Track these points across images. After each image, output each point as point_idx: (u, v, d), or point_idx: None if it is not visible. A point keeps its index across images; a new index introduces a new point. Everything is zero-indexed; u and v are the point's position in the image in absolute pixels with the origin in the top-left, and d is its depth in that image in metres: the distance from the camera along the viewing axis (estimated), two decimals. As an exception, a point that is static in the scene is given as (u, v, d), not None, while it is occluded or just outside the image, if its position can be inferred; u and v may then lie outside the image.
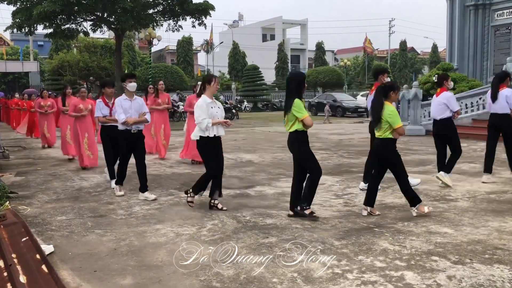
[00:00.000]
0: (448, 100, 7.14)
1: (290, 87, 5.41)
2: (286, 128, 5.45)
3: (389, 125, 5.41)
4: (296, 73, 5.76)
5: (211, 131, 5.79)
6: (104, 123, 7.41)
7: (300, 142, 5.41)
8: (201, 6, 23.08)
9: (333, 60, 68.18)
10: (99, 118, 7.40)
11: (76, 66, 30.27)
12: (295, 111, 5.23)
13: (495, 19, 22.51)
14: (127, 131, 6.54)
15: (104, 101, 7.45)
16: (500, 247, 4.32)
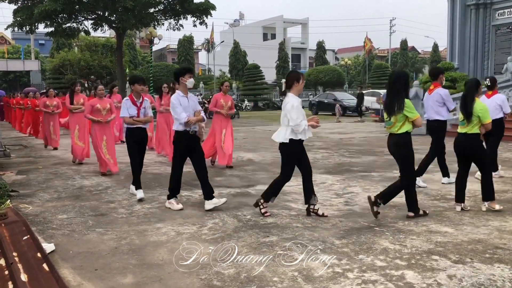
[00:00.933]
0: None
1: (396, 87, 5.25)
2: (393, 130, 5.32)
3: (479, 120, 5.42)
4: (401, 73, 5.50)
5: (305, 134, 5.35)
6: (131, 125, 6.58)
7: (410, 144, 5.35)
8: (202, 5, 23.09)
9: (333, 59, 68.15)
10: (125, 119, 6.60)
11: (77, 65, 30.29)
12: (407, 111, 5.17)
13: (496, 18, 22.48)
14: (185, 132, 5.83)
15: (132, 100, 6.63)
16: (501, 246, 4.33)
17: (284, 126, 5.37)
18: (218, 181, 7.85)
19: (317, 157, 10.58)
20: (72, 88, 10.46)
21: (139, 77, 6.90)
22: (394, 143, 5.37)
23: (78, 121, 9.98)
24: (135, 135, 6.56)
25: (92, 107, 8.51)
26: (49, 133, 12.65)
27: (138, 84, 6.63)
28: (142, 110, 6.62)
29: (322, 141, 14.18)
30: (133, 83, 6.67)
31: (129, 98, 6.65)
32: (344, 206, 6.03)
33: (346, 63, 48.42)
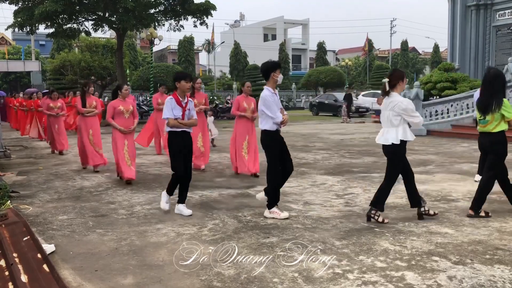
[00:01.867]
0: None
1: (494, 86, 5.24)
2: (488, 128, 5.35)
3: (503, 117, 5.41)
4: (498, 72, 5.45)
5: (412, 134, 5.24)
6: (176, 128, 5.63)
7: (506, 143, 5.33)
8: (202, 6, 23.09)
9: (334, 60, 68.16)
10: (169, 120, 5.59)
11: (77, 65, 30.24)
12: (504, 110, 5.19)
13: (497, 19, 22.48)
14: (276, 132, 5.53)
15: (177, 99, 5.67)
16: (501, 247, 4.32)
17: (393, 128, 5.22)
18: (218, 182, 7.85)
19: (318, 158, 10.58)
20: (84, 88, 9.32)
21: (186, 73, 6.06)
22: (489, 141, 5.39)
23: (91, 126, 9.09)
24: (180, 141, 5.64)
25: (114, 109, 7.65)
26: (56, 136, 11.86)
27: (185, 81, 5.71)
28: (187, 112, 5.70)
29: (323, 142, 14.18)
30: (179, 79, 5.72)
31: (173, 97, 5.70)
32: (345, 207, 6.03)
33: (347, 64, 48.43)
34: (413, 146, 12.47)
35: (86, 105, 9.07)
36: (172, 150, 5.69)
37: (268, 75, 5.58)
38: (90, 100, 9.18)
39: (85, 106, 9.05)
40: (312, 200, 6.37)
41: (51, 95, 12.23)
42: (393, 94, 5.21)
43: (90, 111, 9.10)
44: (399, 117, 5.16)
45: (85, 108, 9.04)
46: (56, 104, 12.04)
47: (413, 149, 11.77)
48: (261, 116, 5.55)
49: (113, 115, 7.65)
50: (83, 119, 9.10)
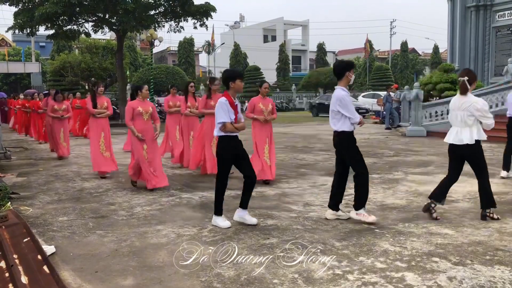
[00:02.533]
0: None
1: None
2: None
3: None
4: None
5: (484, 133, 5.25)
6: (230, 133, 5.11)
7: None
8: (202, 8, 23.11)
9: (334, 61, 68.13)
10: (228, 125, 5.03)
11: (77, 67, 30.31)
12: None
13: (496, 20, 22.50)
14: (352, 132, 5.41)
15: (230, 101, 5.12)
16: (501, 248, 4.32)
17: (466, 127, 5.22)
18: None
19: (318, 159, 10.58)
20: (95, 89, 8.88)
21: (240, 71, 5.59)
22: None
23: (102, 128, 8.62)
24: (235, 146, 5.16)
25: (133, 110, 7.14)
26: (59, 140, 11.31)
27: (240, 80, 5.23)
28: (238, 115, 5.23)
29: (323, 143, 14.17)
30: (234, 78, 5.16)
31: (227, 99, 5.12)
32: (345, 208, 6.03)
33: (347, 64, 48.40)
34: (413, 147, 12.48)
35: (97, 105, 8.61)
36: (225, 156, 5.14)
37: (343, 74, 5.35)
38: (101, 100, 8.73)
39: (96, 107, 8.59)
40: (312, 201, 6.37)
41: (55, 97, 11.63)
42: (469, 94, 5.26)
43: (101, 112, 8.64)
44: (473, 117, 5.18)
45: (96, 109, 8.58)
46: (61, 106, 11.51)
47: (413, 150, 11.78)
48: (335, 117, 5.35)
49: (132, 117, 7.15)
50: (94, 120, 8.67)
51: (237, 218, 5.29)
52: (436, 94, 19.93)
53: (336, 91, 5.36)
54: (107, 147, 8.60)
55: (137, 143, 7.20)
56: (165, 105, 10.28)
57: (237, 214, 5.32)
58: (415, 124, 16.02)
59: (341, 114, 5.27)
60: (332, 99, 5.39)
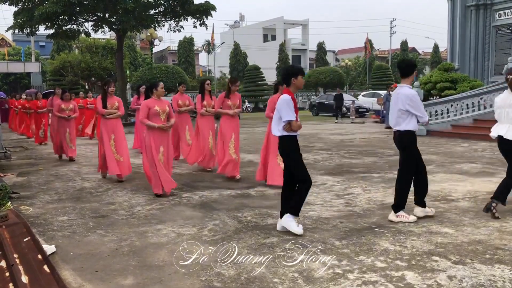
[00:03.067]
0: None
1: None
2: None
3: None
4: None
5: None
6: (293, 132, 4.92)
7: None
8: (202, 7, 23.09)
9: (334, 60, 68.19)
10: (294, 123, 4.84)
11: (77, 66, 30.32)
12: None
13: (496, 19, 22.49)
14: None
15: (293, 98, 4.94)
16: (501, 247, 4.33)
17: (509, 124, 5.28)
18: (218, 182, 7.85)
19: (318, 158, 10.58)
20: (105, 88, 8.32)
21: (301, 67, 5.35)
22: None
23: (113, 129, 8.16)
24: (297, 144, 5.04)
25: (149, 109, 6.72)
26: (64, 141, 10.88)
27: (301, 75, 5.04)
28: None
29: (323, 142, 14.18)
30: (296, 74, 4.98)
31: (290, 96, 4.93)
32: (345, 207, 6.04)
33: (347, 64, 48.44)
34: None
35: (108, 105, 8.16)
36: (294, 156, 4.96)
37: (411, 72, 5.33)
38: (111, 100, 8.26)
39: (106, 107, 8.14)
40: (312, 200, 6.37)
41: (62, 96, 11.19)
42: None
43: (112, 112, 8.15)
44: None
45: (106, 109, 8.12)
46: (68, 106, 10.99)
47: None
48: (401, 116, 5.24)
49: (147, 117, 6.74)
50: (104, 122, 8.19)
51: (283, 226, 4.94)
52: (436, 93, 19.94)
53: (404, 89, 5.27)
54: (118, 149, 8.11)
55: (154, 145, 6.69)
56: (173, 104, 9.57)
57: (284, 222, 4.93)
58: (415, 123, 15.99)
59: (409, 113, 5.19)
60: (398, 97, 5.27)
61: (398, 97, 5.27)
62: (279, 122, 4.90)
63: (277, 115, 4.93)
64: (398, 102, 5.24)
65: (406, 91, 5.22)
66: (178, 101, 9.83)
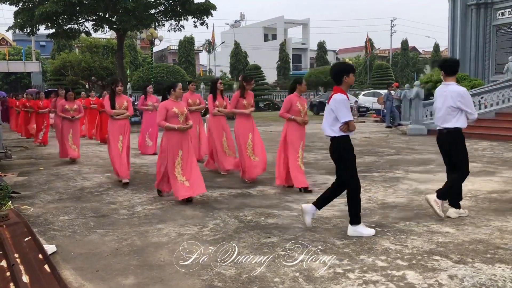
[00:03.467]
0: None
1: None
2: None
3: None
4: None
5: None
6: (350, 132, 4.94)
7: None
8: (202, 6, 23.10)
9: (334, 59, 68.08)
10: (351, 124, 4.87)
11: (78, 66, 30.36)
12: None
13: (497, 18, 22.46)
14: None
15: (347, 97, 4.87)
16: (502, 246, 4.32)
17: None
18: (219, 182, 7.85)
19: (318, 157, 10.58)
20: (113, 87, 7.94)
21: (351, 65, 5.19)
22: None
23: (122, 130, 7.85)
24: (352, 145, 5.00)
25: (167, 111, 6.30)
26: (67, 142, 10.51)
27: (353, 73, 4.92)
28: None
29: (323, 141, 14.17)
30: (348, 72, 4.85)
31: (345, 96, 4.83)
32: (345, 206, 6.01)
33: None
34: (414, 145, 12.47)
35: (116, 106, 7.82)
36: (350, 157, 4.90)
37: (456, 70, 5.39)
38: (120, 100, 7.89)
39: (115, 107, 7.81)
40: (313, 200, 6.35)
41: (66, 95, 10.82)
42: None
43: (121, 113, 7.82)
44: None
45: (114, 110, 7.80)
46: (73, 106, 10.57)
47: (414, 148, 11.77)
48: (451, 113, 5.21)
49: (165, 119, 6.32)
50: (112, 122, 7.87)
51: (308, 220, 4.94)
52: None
53: (453, 87, 5.27)
54: (125, 151, 7.86)
55: (172, 148, 6.32)
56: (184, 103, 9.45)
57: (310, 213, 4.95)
58: (415, 123, 16.02)
59: (458, 110, 5.19)
60: (447, 94, 5.25)
61: (447, 94, 5.27)
62: (334, 123, 4.80)
63: (331, 115, 4.79)
64: (448, 99, 5.24)
65: (456, 88, 5.25)
66: (188, 100, 9.37)
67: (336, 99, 4.76)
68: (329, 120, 4.84)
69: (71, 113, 10.52)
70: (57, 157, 11.32)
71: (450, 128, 5.24)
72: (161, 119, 6.31)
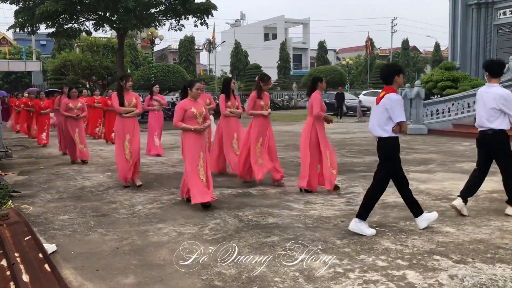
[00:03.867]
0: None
1: None
2: None
3: None
4: None
5: None
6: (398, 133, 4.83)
7: None
8: (203, 6, 23.11)
9: (335, 59, 68.14)
10: (403, 124, 4.77)
11: (78, 65, 30.39)
12: None
13: (498, 17, 22.46)
14: None
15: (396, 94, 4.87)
16: (502, 246, 4.32)
17: None
18: (220, 181, 7.84)
19: (319, 157, 10.56)
20: (122, 83, 7.42)
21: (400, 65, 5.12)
22: None
23: (130, 129, 7.37)
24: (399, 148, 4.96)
25: (185, 112, 5.97)
26: (73, 143, 10.05)
27: (403, 73, 4.97)
28: None
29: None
30: (399, 72, 4.90)
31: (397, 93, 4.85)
32: (346, 206, 6.03)
33: (348, 63, 48.43)
34: (414, 145, 12.47)
35: (125, 103, 7.35)
36: (398, 157, 4.92)
37: (501, 72, 5.44)
38: (129, 96, 7.41)
39: (124, 104, 7.34)
40: (313, 199, 6.36)
41: (69, 93, 10.37)
42: None
43: (130, 110, 7.35)
44: None
45: (124, 107, 7.32)
46: (77, 104, 10.16)
47: (414, 148, 11.76)
48: (494, 115, 5.24)
49: (182, 120, 5.98)
50: (120, 120, 7.38)
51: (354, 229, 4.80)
52: (437, 92, 19.93)
53: (497, 89, 5.30)
54: (132, 152, 7.32)
55: (194, 151, 5.95)
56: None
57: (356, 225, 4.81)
58: (416, 122, 16.01)
59: (501, 112, 5.22)
60: (490, 96, 5.27)
61: (489, 96, 5.28)
62: (387, 123, 4.73)
63: (384, 115, 4.72)
64: (491, 101, 5.26)
65: (500, 90, 5.27)
66: None
67: (392, 99, 4.72)
68: (382, 119, 4.75)
69: (75, 112, 10.11)
70: (57, 157, 11.33)
71: (495, 129, 5.29)
72: (178, 120, 5.97)
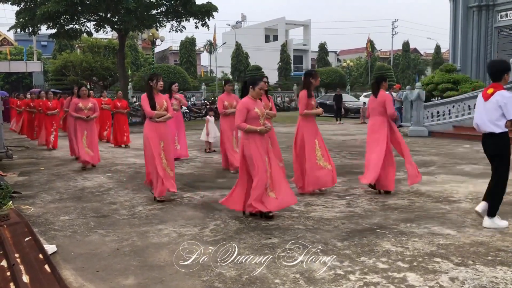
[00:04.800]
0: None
1: None
2: None
3: None
4: None
5: None
6: None
7: None
8: (204, 7, 23.11)
9: (336, 61, 68.14)
10: None
11: (79, 66, 30.39)
12: None
13: (499, 20, 22.47)
14: None
15: None
16: (503, 249, 4.31)
17: None
18: (220, 182, 7.85)
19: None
20: (152, 83, 6.49)
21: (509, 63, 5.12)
22: None
23: (163, 135, 6.51)
24: None
25: (248, 112, 5.38)
26: (81, 146, 9.32)
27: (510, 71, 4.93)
28: None
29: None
30: (508, 70, 5.01)
31: None
32: (346, 208, 6.02)
33: (348, 64, 48.40)
34: (415, 147, 12.45)
35: (157, 106, 6.45)
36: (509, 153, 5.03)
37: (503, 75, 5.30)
38: (159, 99, 6.53)
39: (155, 108, 6.43)
40: (314, 201, 6.36)
41: (79, 92, 9.77)
42: None
43: (162, 114, 6.45)
44: None
45: (156, 111, 6.42)
46: (87, 104, 9.44)
47: (415, 150, 11.75)
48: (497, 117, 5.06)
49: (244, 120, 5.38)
50: (152, 126, 6.43)
51: None
52: (438, 94, 19.93)
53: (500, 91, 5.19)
54: (169, 161, 6.54)
55: (260, 156, 5.35)
56: (219, 106, 8.56)
57: None
58: (416, 124, 16.01)
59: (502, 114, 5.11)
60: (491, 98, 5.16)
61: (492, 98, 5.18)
62: (500, 118, 4.84)
63: (498, 111, 4.84)
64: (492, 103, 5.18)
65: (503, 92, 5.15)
66: (224, 102, 8.53)
67: (505, 96, 4.83)
68: (495, 115, 4.88)
69: (86, 112, 9.38)
70: (58, 157, 11.33)
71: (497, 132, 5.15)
72: (241, 120, 5.34)
